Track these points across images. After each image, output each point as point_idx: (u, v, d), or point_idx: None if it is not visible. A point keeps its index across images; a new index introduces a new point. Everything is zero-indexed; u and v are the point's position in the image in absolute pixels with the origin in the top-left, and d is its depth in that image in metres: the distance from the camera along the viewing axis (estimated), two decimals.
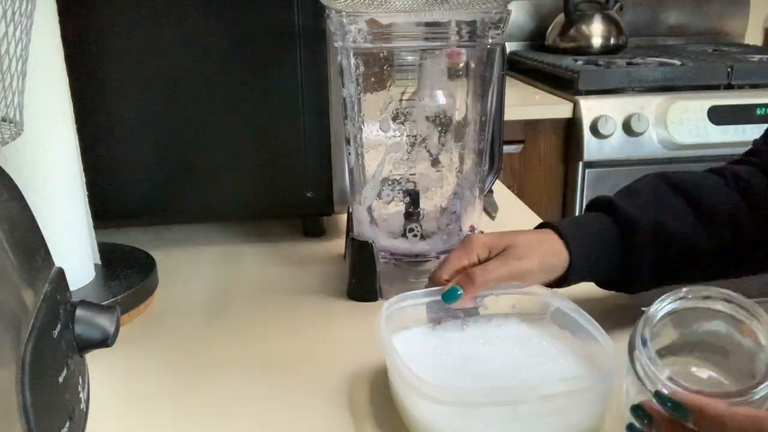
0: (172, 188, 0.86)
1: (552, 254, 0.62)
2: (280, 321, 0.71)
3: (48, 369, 0.39)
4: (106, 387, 0.57)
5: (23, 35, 0.44)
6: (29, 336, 0.37)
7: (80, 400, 0.44)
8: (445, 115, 0.72)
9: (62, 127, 0.67)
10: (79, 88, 0.70)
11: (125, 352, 0.62)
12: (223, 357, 0.65)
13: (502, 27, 0.69)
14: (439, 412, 0.50)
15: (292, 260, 0.86)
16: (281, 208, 0.89)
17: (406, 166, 0.72)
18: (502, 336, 0.60)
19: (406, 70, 0.70)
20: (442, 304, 0.60)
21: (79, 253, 0.71)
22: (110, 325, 0.45)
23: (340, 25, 0.67)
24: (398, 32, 0.67)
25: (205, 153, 0.84)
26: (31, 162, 0.65)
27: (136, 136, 0.83)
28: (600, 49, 1.97)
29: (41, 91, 0.64)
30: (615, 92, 1.67)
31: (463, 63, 0.72)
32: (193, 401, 0.58)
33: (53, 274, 0.43)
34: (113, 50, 0.80)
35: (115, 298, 0.69)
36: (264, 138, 0.84)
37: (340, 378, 0.61)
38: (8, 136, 0.44)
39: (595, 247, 0.64)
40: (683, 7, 2.22)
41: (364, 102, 0.70)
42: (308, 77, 0.82)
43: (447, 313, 0.61)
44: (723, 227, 0.64)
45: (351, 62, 0.69)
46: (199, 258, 0.86)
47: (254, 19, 0.80)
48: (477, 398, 0.50)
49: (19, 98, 0.45)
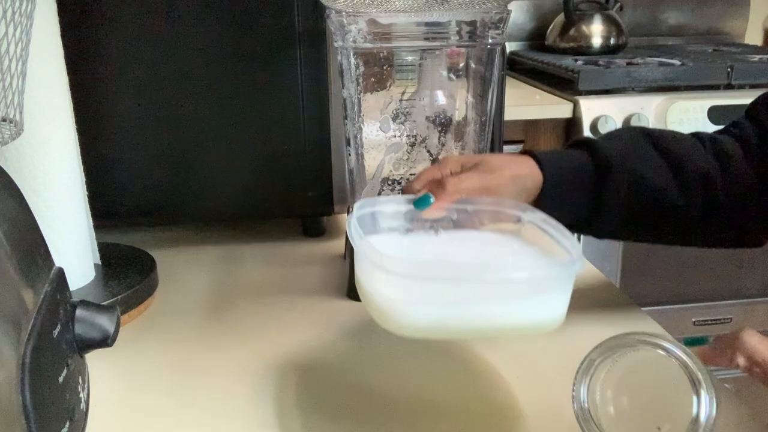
0: (172, 188, 0.86)
1: (525, 174, 0.62)
2: (280, 321, 0.71)
3: (48, 369, 0.39)
4: (106, 387, 0.57)
5: (23, 35, 0.44)
6: (29, 336, 0.37)
7: (80, 400, 0.44)
8: (445, 115, 0.72)
9: (62, 127, 0.67)
10: (79, 88, 0.70)
11: (125, 352, 0.62)
12: (223, 357, 0.65)
13: (502, 27, 0.69)
14: (398, 284, 0.49)
15: (292, 260, 0.86)
16: (281, 208, 0.89)
17: (406, 166, 0.72)
18: (475, 239, 0.59)
19: (406, 70, 0.70)
20: (414, 214, 0.59)
21: (79, 253, 0.71)
22: (110, 325, 0.45)
23: (340, 25, 0.67)
24: (398, 32, 0.67)
25: (205, 153, 0.85)
26: (31, 162, 0.65)
27: (136, 136, 0.83)
28: (600, 49, 1.97)
29: (41, 91, 0.64)
30: (615, 92, 1.67)
31: (463, 63, 0.72)
32: (193, 401, 0.58)
33: (53, 274, 0.43)
34: (113, 50, 0.80)
35: (115, 298, 0.69)
36: (264, 138, 0.84)
37: (340, 378, 0.61)
38: (8, 136, 0.44)
39: (570, 178, 0.63)
40: (683, 7, 2.22)
41: (364, 102, 0.70)
42: (308, 77, 0.82)
43: (419, 224, 0.60)
44: (695, 186, 0.64)
45: (351, 62, 0.69)
46: (199, 258, 0.86)
47: (254, 19, 0.80)
48: (435, 271, 0.48)
49: (19, 98, 0.45)
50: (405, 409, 0.57)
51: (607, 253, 1.75)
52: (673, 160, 0.65)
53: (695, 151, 0.66)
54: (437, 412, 0.56)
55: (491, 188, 0.60)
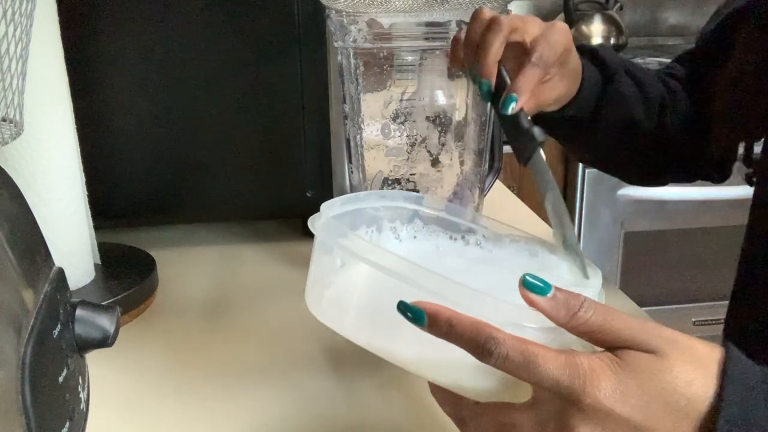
0: (172, 188, 0.86)
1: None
2: (279, 321, 0.71)
3: (48, 369, 0.39)
4: (106, 387, 0.57)
5: (23, 35, 0.44)
6: (29, 336, 0.37)
7: (80, 400, 0.44)
8: (445, 115, 0.72)
9: (62, 127, 0.67)
10: (79, 88, 0.70)
11: (125, 352, 0.62)
12: (223, 357, 0.65)
13: None
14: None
15: (292, 260, 0.86)
16: (281, 208, 0.89)
17: (406, 166, 0.72)
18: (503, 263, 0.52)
19: (406, 70, 0.70)
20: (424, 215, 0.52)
21: (79, 253, 0.71)
22: (110, 325, 0.45)
23: (340, 25, 0.67)
24: (398, 32, 0.67)
25: (205, 153, 0.84)
26: (31, 162, 0.65)
27: (136, 136, 0.83)
28: None
29: (41, 91, 0.64)
30: None
31: None
32: (193, 401, 0.58)
33: (53, 274, 0.43)
34: (113, 50, 0.80)
35: (115, 298, 0.69)
36: (264, 138, 0.84)
37: (340, 378, 0.61)
38: (8, 136, 0.44)
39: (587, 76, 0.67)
40: (683, 7, 2.22)
41: (364, 102, 0.70)
42: (308, 77, 0.82)
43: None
44: (654, 109, 0.72)
45: (351, 62, 0.69)
46: (199, 258, 0.86)
47: (254, 19, 0.80)
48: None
49: (19, 98, 0.45)
50: (406, 408, 0.57)
51: (607, 253, 1.75)
52: (639, 83, 0.72)
53: (655, 81, 0.74)
54: (439, 411, 0.56)
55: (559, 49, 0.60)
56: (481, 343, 0.35)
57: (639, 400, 0.34)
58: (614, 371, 0.34)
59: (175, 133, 0.83)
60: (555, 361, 0.35)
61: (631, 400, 0.34)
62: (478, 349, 0.36)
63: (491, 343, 0.35)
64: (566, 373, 0.34)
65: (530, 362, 0.35)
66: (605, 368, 0.34)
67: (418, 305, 0.37)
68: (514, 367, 0.35)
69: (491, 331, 0.36)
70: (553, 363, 0.34)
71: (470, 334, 0.36)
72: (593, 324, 0.36)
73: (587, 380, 0.34)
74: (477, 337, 0.36)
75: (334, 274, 0.45)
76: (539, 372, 0.35)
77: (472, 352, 0.36)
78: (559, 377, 0.34)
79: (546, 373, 0.34)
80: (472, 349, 0.36)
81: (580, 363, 0.34)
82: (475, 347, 0.36)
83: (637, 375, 0.34)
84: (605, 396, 0.34)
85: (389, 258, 0.40)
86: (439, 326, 0.36)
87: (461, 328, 0.36)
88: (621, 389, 0.34)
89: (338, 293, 0.45)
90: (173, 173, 0.85)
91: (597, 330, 0.36)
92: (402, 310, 0.38)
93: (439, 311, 0.37)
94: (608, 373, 0.34)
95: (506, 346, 0.35)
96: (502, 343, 0.35)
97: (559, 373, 0.34)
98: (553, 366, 0.34)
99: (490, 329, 0.36)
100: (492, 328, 0.36)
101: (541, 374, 0.35)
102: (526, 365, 0.35)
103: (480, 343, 0.35)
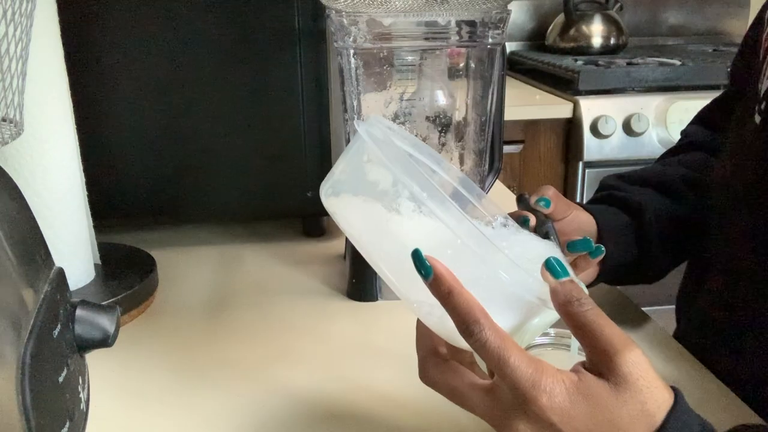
0: (172, 188, 0.86)
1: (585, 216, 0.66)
2: (280, 321, 0.71)
3: (48, 369, 0.39)
4: (106, 387, 0.57)
5: (23, 35, 0.44)
6: (29, 336, 0.37)
7: (80, 400, 0.44)
8: (445, 115, 0.72)
9: (62, 127, 0.67)
10: (79, 88, 0.70)
11: (125, 352, 0.62)
12: (223, 357, 0.65)
13: (502, 27, 0.69)
14: None
15: (292, 260, 0.86)
16: (281, 208, 0.89)
17: None
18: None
19: (406, 70, 0.70)
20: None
21: (79, 253, 0.71)
22: (110, 325, 0.45)
23: (340, 25, 0.67)
24: (398, 32, 0.67)
25: (205, 153, 0.85)
26: (31, 162, 0.65)
27: (136, 136, 0.83)
28: (600, 49, 1.97)
29: (41, 91, 0.64)
30: (615, 92, 1.67)
31: (463, 63, 0.72)
32: (193, 401, 0.58)
33: (53, 274, 0.43)
34: (113, 50, 0.80)
35: (115, 298, 0.69)
36: (264, 138, 0.84)
37: (340, 378, 0.61)
38: (8, 136, 0.44)
39: (613, 229, 0.66)
40: (683, 7, 2.22)
41: (364, 102, 0.70)
42: (308, 77, 0.82)
43: None
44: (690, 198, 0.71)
45: (351, 62, 0.69)
46: (199, 258, 0.86)
47: (254, 19, 0.80)
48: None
49: (19, 98, 0.45)
50: (407, 407, 0.57)
51: None
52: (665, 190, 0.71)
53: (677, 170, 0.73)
54: (440, 411, 0.56)
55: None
56: (468, 322, 0.38)
57: (582, 425, 0.37)
58: (569, 392, 0.38)
59: (175, 134, 0.83)
60: (524, 367, 0.38)
61: (574, 422, 0.37)
62: (463, 326, 0.38)
63: (476, 327, 0.38)
64: (529, 382, 0.37)
65: (501, 358, 0.38)
66: (563, 387, 0.38)
67: (431, 261, 0.39)
68: (486, 355, 0.38)
69: (480, 317, 0.38)
70: (521, 369, 0.37)
71: (462, 308, 0.38)
72: (582, 319, 0.38)
73: (543, 393, 0.37)
74: (466, 315, 0.38)
75: (375, 192, 0.42)
76: (506, 370, 0.38)
77: (457, 326, 0.39)
78: (520, 382, 0.37)
79: (511, 374, 0.37)
80: (458, 323, 0.39)
81: (544, 377, 0.37)
82: (461, 322, 0.38)
83: (589, 401, 0.37)
84: (552, 410, 0.37)
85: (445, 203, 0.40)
86: (440, 289, 0.38)
87: (457, 299, 0.38)
88: (569, 410, 0.37)
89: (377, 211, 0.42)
90: (173, 173, 0.85)
91: (582, 326, 0.38)
92: (414, 256, 0.39)
93: (444, 276, 0.38)
94: (563, 392, 0.38)
95: (487, 334, 0.38)
96: (485, 330, 0.38)
97: (522, 379, 0.37)
98: (521, 372, 0.37)
99: (480, 314, 0.38)
100: (482, 314, 0.38)
101: (507, 373, 0.38)
102: (497, 359, 0.38)
103: (466, 321, 0.38)
